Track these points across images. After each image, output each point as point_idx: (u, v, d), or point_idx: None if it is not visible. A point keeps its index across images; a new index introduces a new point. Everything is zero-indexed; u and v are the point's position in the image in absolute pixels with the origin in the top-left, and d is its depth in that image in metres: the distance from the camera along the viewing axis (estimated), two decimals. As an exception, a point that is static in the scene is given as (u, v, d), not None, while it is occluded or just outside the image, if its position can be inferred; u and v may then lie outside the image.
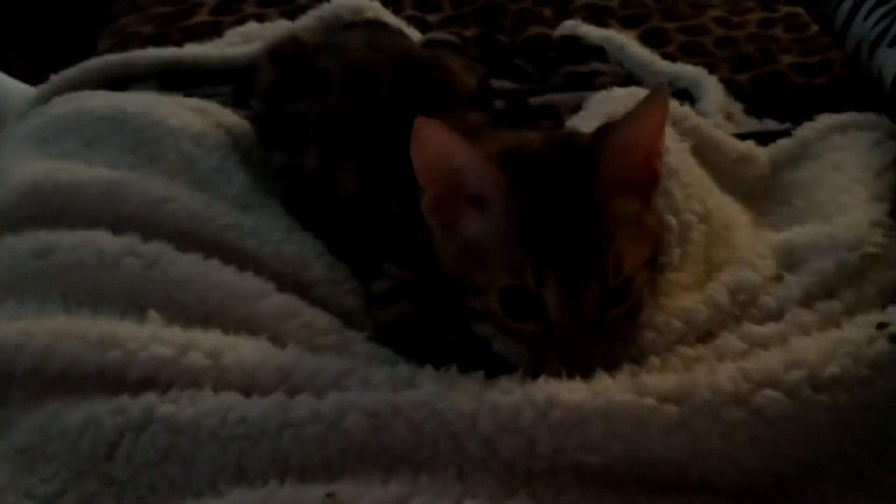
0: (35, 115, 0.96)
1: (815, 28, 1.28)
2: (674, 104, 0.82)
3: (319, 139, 0.72)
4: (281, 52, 0.78)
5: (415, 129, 0.54)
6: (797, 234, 0.65)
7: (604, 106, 0.77)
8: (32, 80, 2.07)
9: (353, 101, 0.71)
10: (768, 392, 0.52)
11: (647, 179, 0.58)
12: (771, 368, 0.53)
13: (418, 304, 0.63)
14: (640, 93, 0.79)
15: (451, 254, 0.59)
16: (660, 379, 0.53)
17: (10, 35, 2.10)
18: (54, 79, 1.04)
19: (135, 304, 0.66)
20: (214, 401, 0.54)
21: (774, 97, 1.10)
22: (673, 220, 0.61)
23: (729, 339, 0.57)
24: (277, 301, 0.65)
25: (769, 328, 0.58)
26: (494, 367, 0.57)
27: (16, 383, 0.59)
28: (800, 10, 1.34)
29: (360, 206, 0.69)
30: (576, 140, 0.59)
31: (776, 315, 0.59)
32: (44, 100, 1.00)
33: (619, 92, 0.78)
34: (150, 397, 0.55)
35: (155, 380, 0.57)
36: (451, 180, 0.57)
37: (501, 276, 0.56)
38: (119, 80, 1.04)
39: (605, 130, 0.57)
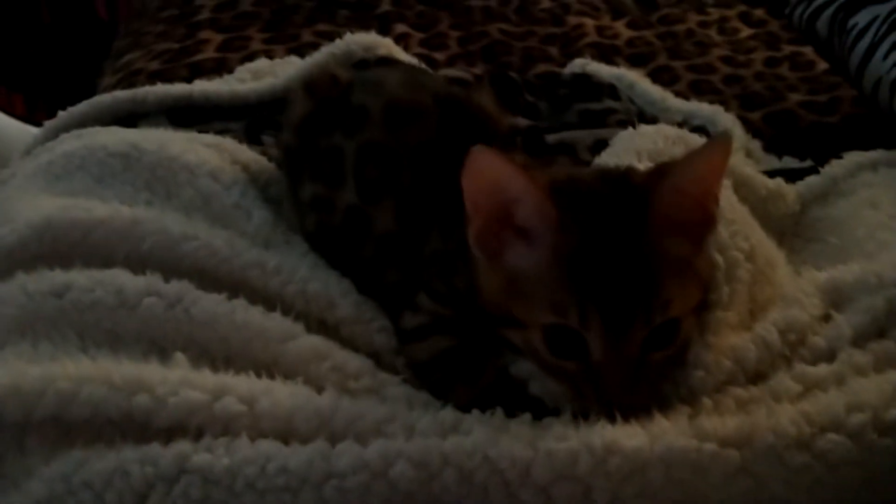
0: (42, 151, 0.94)
1: (821, 66, 1.29)
2: (701, 140, 0.82)
3: (358, 175, 0.70)
4: (316, 86, 0.77)
5: (471, 157, 0.53)
6: (841, 272, 0.64)
7: (631, 142, 0.75)
8: (28, 114, 2.07)
9: (394, 138, 0.70)
10: (831, 436, 0.50)
11: (701, 222, 0.57)
12: (833, 411, 0.51)
13: (454, 340, 0.62)
14: (667, 129, 0.78)
15: (493, 285, 0.58)
16: (719, 422, 0.51)
17: (3, 70, 2.08)
18: (62, 115, 1.02)
19: (155, 346, 0.64)
20: (252, 449, 0.51)
21: (787, 135, 1.10)
22: (719, 258, 0.60)
23: (784, 381, 0.56)
24: (306, 342, 0.62)
25: (824, 369, 0.56)
26: (531, 410, 0.55)
27: (34, 430, 0.56)
28: (804, 49, 1.36)
29: (398, 244, 0.68)
30: (630, 177, 0.58)
31: (827, 356, 0.58)
32: (51, 136, 0.99)
33: (645, 129, 0.77)
34: (182, 446, 0.52)
35: (185, 427, 0.54)
36: (501, 209, 0.55)
37: (544, 312, 0.54)
38: (128, 117, 1.02)
39: (662, 170, 0.57)
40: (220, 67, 1.22)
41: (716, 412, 0.54)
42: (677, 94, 1.16)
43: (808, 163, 0.91)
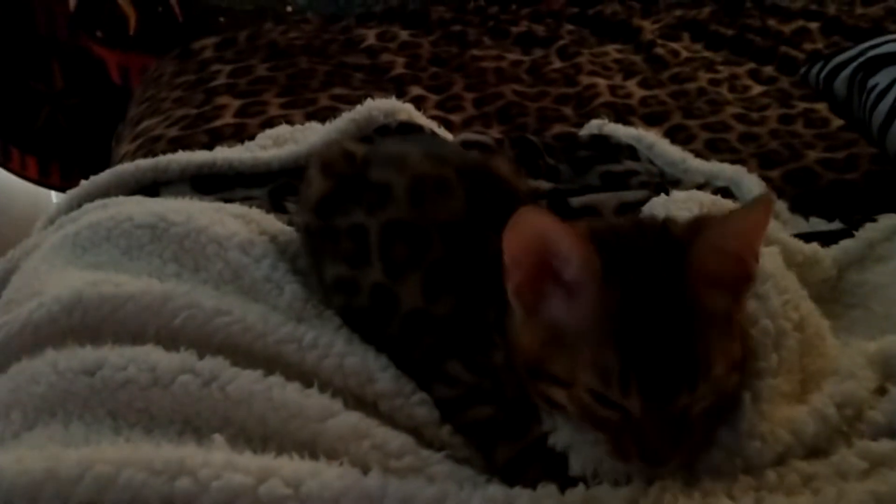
0: (66, 221, 0.93)
1: (836, 123, 1.30)
2: (734, 206, 0.81)
3: (384, 253, 0.70)
4: (333, 165, 0.76)
5: (517, 216, 0.53)
6: (891, 342, 0.62)
7: (664, 209, 0.75)
8: (41, 176, 2.08)
9: (421, 214, 0.70)
10: None
11: (741, 277, 0.57)
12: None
13: (494, 408, 0.62)
14: (700, 195, 0.78)
15: (532, 340, 0.57)
16: (786, 501, 0.49)
17: (17, 132, 2.10)
18: (84, 184, 1.02)
19: (190, 426, 0.62)
20: (301, 537, 0.50)
21: (809, 194, 1.10)
22: (770, 325, 0.59)
23: (847, 457, 0.54)
24: (346, 421, 0.61)
25: (887, 445, 0.54)
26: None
27: (69, 518, 0.55)
28: (817, 105, 1.37)
29: (425, 320, 0.67)
30: (669, 229, 0.58)
31: (887, 431, 0.56)
32: (74, 205, 0.98)
33: (678, 195, 0.77)
34: (226, 533, 0.50)
35: (228, 513, 0.52)
36: (543, 262, 0.55)
37: (585, 375, 0.54)
38: (151, 185, 1.02)
39: (701, 223, 0.57)
40: (240, 132, 1.23)
41: (781, 488, 0.52)
42: (694, 153, 1.17)
43: (837, 224, 0.91)
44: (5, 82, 2.08)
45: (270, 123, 1.22)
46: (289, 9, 2.14)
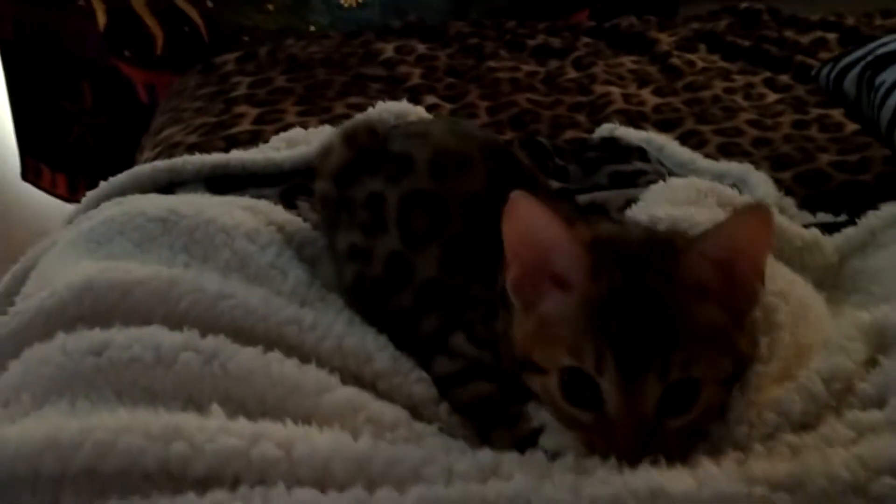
0: (83, 219, 0.96)
1: (850, 128, 1.29)
2: (733, 192, 0.82)
3: (402, 222, 0.71)
4: (356, 136, 0.78)
5: (510, 202, 0.54)
6: (885, 313, 0.62)
7: (662, 194, 0.76)
8: (70, 193, 2.12)
9: (443, 186, 0.71)
10: (887, 480, 0.48)
11: (741, 297, 0.56)
12: (888, 454, 0.49)
13: (494, 387, 0.62)
14: (698, 182, 0.78)
15: (524, 331, 0.58)
16: (769, 466, 0.50)
17: (48, 151, 2.16)
18: (103, 185, 1.04)
19: (192, 403, 0.63)
20: (289, 498, 0.51)
21: (820, 194, 1.10)
22: (757, 313, 0.59)
23: (836, 427, 0.54)
24: (341, 394, 0.62)
25: (877, 415, 0.54)
26: None
27: (70, 484, 0.56)
28: (832, 111, 1.36)
29: (439, 291, 0.68)
30: (674, 241, 0.58)
31: (877, 402, 0.56)
32: (92, 205, 1.01)
33: (677, 181, 0.78)
34: (218, 495, 0.51)
35: (221, 476, 0.53)
36: (538, 257, 0.56)
37: (562, 355, 0.54)
38: (167, 186, 1.04)
39: (701, 234, 0.57)
40: (256, 139, 1.25)
41: (767, 458, 0.52)
42: (706, 156, 1.17)
43: (843, 217, 0.90)
44: (36, 102, 2.14)
45: (286, 130, 1.25)
46: (311, 28, 2.18)
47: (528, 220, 0.55)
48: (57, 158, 2.18)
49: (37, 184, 2.19)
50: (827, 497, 0.48)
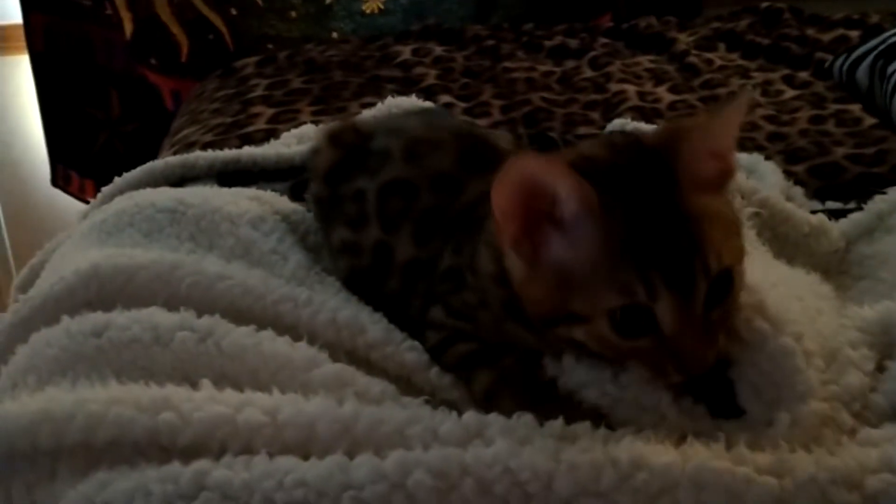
0: (96, 213, 0.98)
1: (868, 122, 1.27)
2: (741, 176, 0.81)
3: (381, 209, 0.73)
4: (340, 136, 0.80)
5: (507, 166, 0.53)
6: (891, 309, 0.60)
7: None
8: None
9: (414, 170, 0.73)
10: (886, 476, 0.47)
11: (723, 172, 0.57)
12: (888, 454, 0.48)
13: (476, 345, 0.64)
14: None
15: (540, 289, 0.57)
16: (759, 452, 0.49)
17: (77, 157, 2.21)
18: (117, 181, 1.06)
19: (188, 380, 0.64)
20: (271, 464, 0.51)
21: (833, 186, 1.08)
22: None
23: (850, 447, 0.51)
24: (330, 370, 0.63)
25: (891, 431, 0.52)
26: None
27: (65, 456, 0.57)
28: (850, 106, 1.34)
29: (419, 268, 0.69)
30: (641, 141, 0.58)
31: (890, 414, 0.54)
32: (106, 200, 1.03)
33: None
34: (202, 463, 0.52)
35: (208, 444, 0.54)
36: (535, 208, 0.55)
37: (608, 298, 0.54)
38: (179, 182, 1.06)
39: (678, 130, 0.56)
40: (270, 137, 1.27)
41: (759, 447, 0.51)
42: (720, 150, 1.16)
43: (852, 204, 0.89)
44: (66, 110, 2.19)
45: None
46: (334, 35, 2.20)
47: (524, 175, 0.54)
48: (85, 165, 2.23)
49: (65, 189, 2.24)
50: (816, 486, 0.47)
